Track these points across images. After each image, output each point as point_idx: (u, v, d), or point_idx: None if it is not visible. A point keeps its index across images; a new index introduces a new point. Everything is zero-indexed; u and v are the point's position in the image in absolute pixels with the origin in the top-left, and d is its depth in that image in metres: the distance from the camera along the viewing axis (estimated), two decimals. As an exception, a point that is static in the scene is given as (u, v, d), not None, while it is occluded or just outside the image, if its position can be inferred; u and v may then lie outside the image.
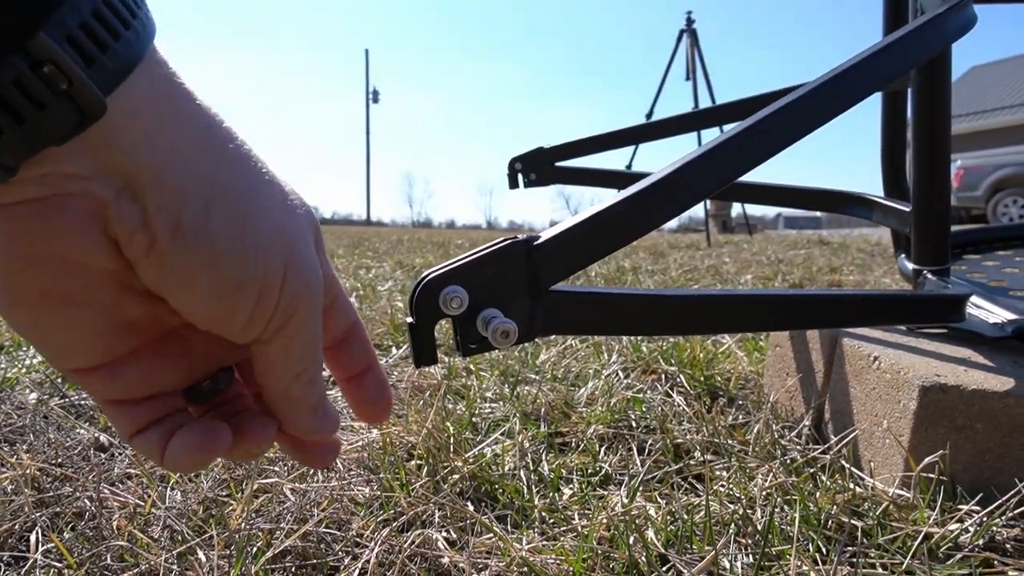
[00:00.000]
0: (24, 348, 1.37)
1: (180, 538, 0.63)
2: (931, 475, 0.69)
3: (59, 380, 1.13)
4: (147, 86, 0.26)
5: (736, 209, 9.84)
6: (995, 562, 0.59)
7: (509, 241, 0.51)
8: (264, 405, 0.35)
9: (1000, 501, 0.64)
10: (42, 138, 0.24)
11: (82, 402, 1.03)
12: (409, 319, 0.48)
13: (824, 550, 0.63)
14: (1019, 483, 0.66)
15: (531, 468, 0.82)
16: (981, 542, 0.62)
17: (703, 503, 0.70)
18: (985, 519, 0.64)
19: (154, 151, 0.26)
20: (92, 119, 0.24)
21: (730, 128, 0.61)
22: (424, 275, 0.48)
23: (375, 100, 31.09)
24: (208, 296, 0.28)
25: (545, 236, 0.52)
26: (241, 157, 0.30)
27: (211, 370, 0.35)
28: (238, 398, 0.38)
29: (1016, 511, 0.64)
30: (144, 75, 0.26)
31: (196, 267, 0.28)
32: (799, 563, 0.59)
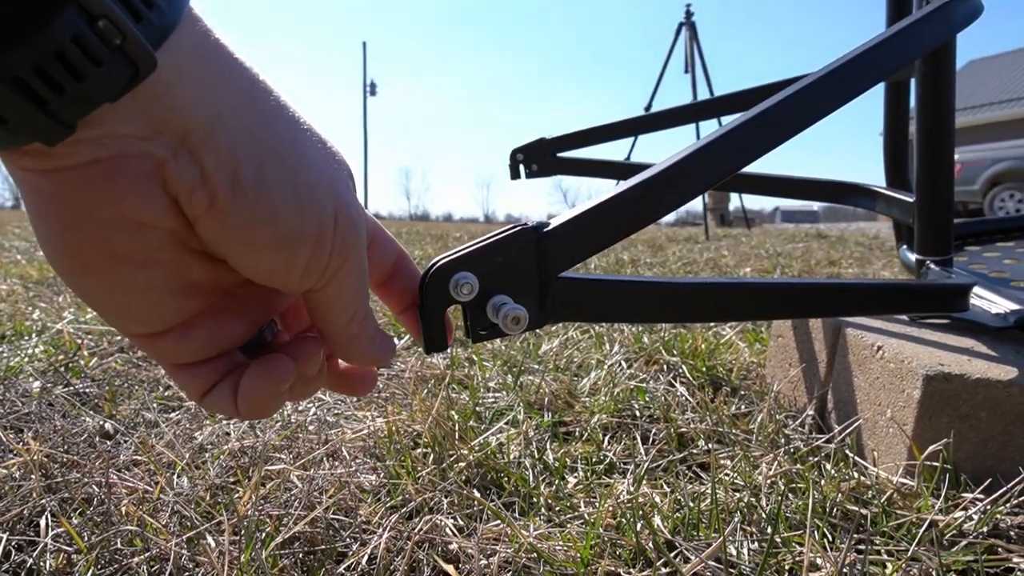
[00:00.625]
0: (27, 337, 1.37)
1: (189, 524, 0.64)
2: (935, 463, 0.70)
3: (63, 368, 1.13)
4: (189, 43, 0.27)
5: (734, 203, 9.85)
6: (999, 549, 0.60)
7: (519, 228, 0.51)
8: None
9: (1004, 489, 0.65)
10: (99, 94, 0.24)
11: (87, 390, 1.03)
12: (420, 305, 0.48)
13: (830, 537, 0.63)
14: (1023, 471, 0.66)
15: (536, 457, 0.82)
16: (985, 529, 0.62)
17: (709, 491, 0.71)
18: (989, 507, 0.64)
19: (203, 109, 0.27)
20: (144, 74, 0.25)
21: (736, 117, 0.61)
22: (434, 261, 0.48)
23: (372, 93, 30.96)
24: (269, 250, 0.29)
25: (555, 223, 0.52)
26: (282, 110, 0.30)
27: (264, 323, 0.37)
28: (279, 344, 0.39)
29: (1020, 499, 0.65)
30: (185, 32, 0.27)
31: (257, 222, 0.29)
32: (805, 549, 0.59)
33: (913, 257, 0.96)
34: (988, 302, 0.86)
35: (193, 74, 0.27)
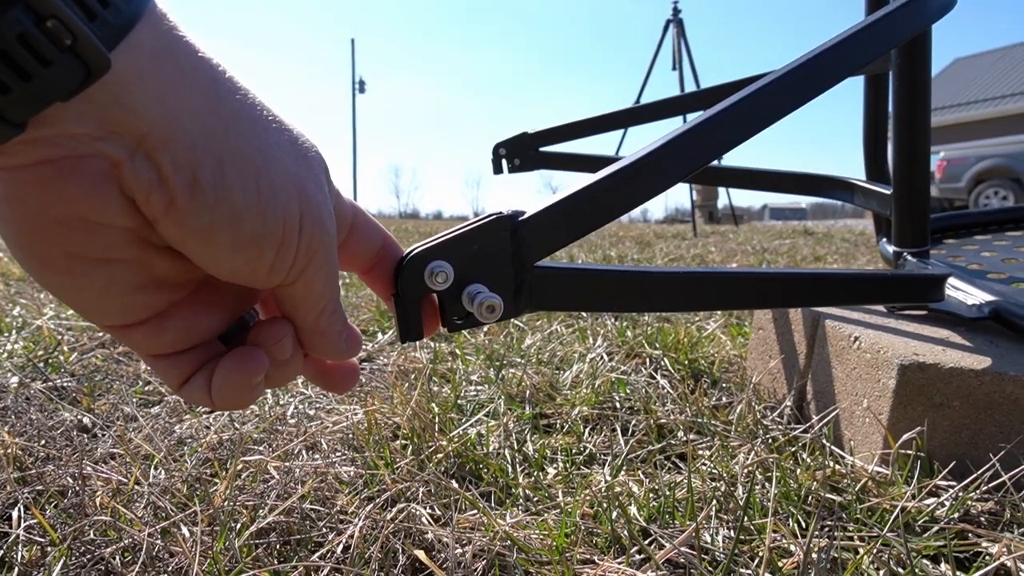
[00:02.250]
0: (6, 333, 1.36)
1: (164, 515, 0.63)
2: (909, 452, 0.70)
3: (42, 364, 1.12)
4: (150, 41, 0.26)
5: (722, 200, 9.89)
6: (969, 534, 0.60)
7: (494, 216, 0.51)
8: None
9: (975, 475, 0.66)
10: (48, 94, 0.23)
11: (65, 385, 1.02)
12: (393, 293, 0.48)
13: (803, 524, 0.64)
14: (993, 458, 0.67)
15: (516, 448, 0.82)
16: (956, 515, 0.63)
17: (685, 480, 0.71)
18: (960, 493, 0.65)
19: (162, 109, 0.26)
20: (97, 75, 0.24)
21: (711, 108, 0.62)
22: (410, 250, 0.48)
23: (361, 90, 30.83)
24: (230, 251, 0.29)
25: (530, 212, 0.52)
26: (248, 107, 0.30)
27: (243, 311, 0.37)
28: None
29: (990, 485, 0.65)
30: (146, 30, 0.26)
31: (217, 225, 0.28)
32: (778, 536, 0.60)
33: (891, 249, 0.97)
34: (964, 293, 0.87)
35: (152, 74, 0.26)
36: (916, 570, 0.55)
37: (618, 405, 0.97)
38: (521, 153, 1.44)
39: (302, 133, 0.33)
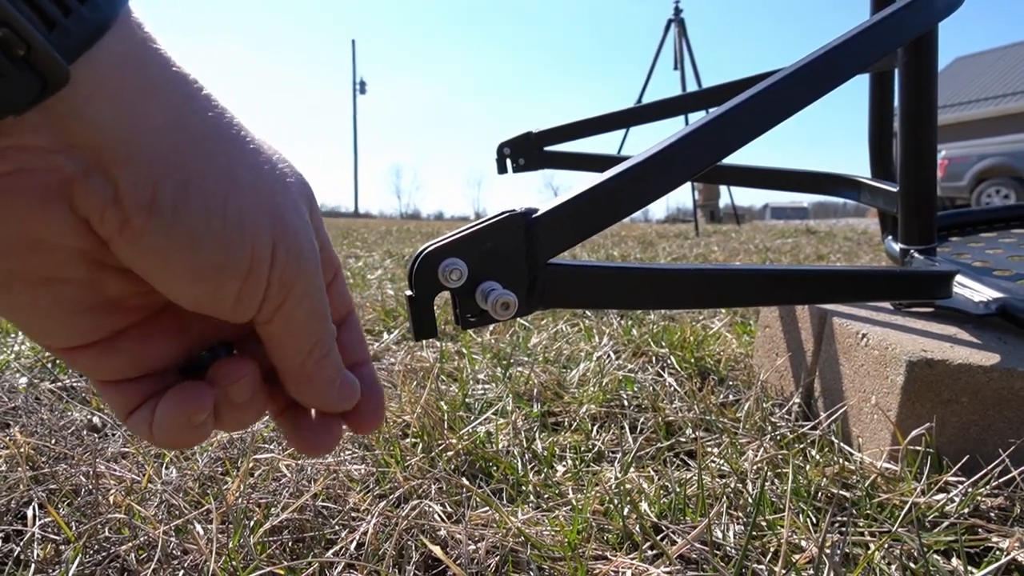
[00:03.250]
0: (13, 335, 1.37)
1: (177, 513, 0.64)
2: (918, 448, 0.71)
3: (50, 364, 1.13)
4: (119, 52, 0.24)
5: (724, 199, 9.89)
6: (980, 529, 0.61)
7: (507, 214, 0.51)
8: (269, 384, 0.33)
9: (984, 471, 0.66)
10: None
11: (74, 384, 1.03)
12: (409, 292, 0.48)
13: (814, 520, 0.64)
14: (1002, 453, 0.67)
15: (525, 446, 0.83)
16: (967, 510, 0.63)
17: (695, 477, 0.71)
18: (970, 489, 0.65)
19: (126, 123, 0.24)
20: (54, 88, 0.22)
21: (720, 107, 0.62)
22: (423, 248, 0.48)
23: (362, 91, 30.85)
24: (189, 278, 0.27)
25: (542, 210, 0.53)
26: (222, 126, 0.27)
27: (210, 344, 0.33)
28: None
29: (999, 480, 0.65)
30: (116, 40, 0.24)
31: (174, 248, 0.26)
32: (790, 532, 0.60)
33: (897, 246, 0.97)
34: (971, 291, 0.87)
35: (117, 86, 0.24)
36: (928, 565, 0.55)
37: (626, 403, 0.97)
38: (525, 152, 1.44)
39: (284, 157, 0.30)
